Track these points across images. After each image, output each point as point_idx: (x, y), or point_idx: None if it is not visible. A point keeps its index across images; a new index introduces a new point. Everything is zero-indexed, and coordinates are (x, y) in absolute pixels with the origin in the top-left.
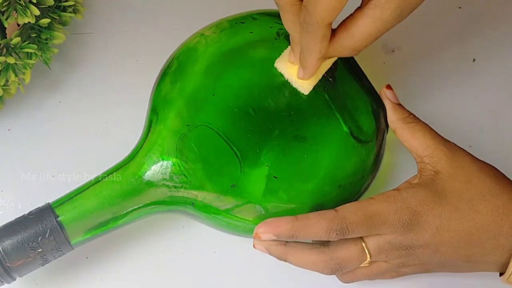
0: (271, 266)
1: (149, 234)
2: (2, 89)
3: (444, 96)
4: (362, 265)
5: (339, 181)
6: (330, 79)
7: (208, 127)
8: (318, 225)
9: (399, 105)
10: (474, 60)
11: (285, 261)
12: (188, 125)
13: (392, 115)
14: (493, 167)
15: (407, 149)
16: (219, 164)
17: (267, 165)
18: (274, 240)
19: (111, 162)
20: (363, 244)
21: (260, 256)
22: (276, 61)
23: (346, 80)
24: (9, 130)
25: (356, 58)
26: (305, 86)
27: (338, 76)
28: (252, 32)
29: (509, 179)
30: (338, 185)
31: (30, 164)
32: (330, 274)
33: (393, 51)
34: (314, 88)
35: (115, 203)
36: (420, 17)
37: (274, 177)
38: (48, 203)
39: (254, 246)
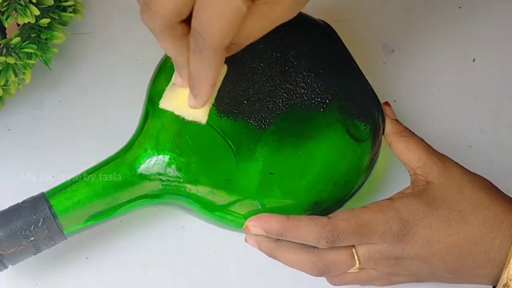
0: (271, 266)
1: (149, 234)
2: (2, 89)
3: (444, 96)
4: (351, 270)
5: (334, 179)
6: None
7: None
8: (308, 228)
9: (396, 120)
10: (474, 60)
11: (274, 258)
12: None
13: (389, 129)
14: (485, 179)
15: (401, 162)
16: (214, 158)
17: (261, 160)
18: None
19: None
20: (353, 250)
21: (260, 256)
22: (160, 101)
23: (344, 78)
24: (9, 130)
25: (355, 57)
26: (200, 115)
27: (336, 74)
28: None
29: (501, 191)
30: (333, 182)
31: (30, 164)
32: (318, 276)
33: (393, 51)
34: (311, 88)
35: (108, 195)
36: (420, 17)
37: (270, 173)
38: (42, 192)
39: (245, 240)
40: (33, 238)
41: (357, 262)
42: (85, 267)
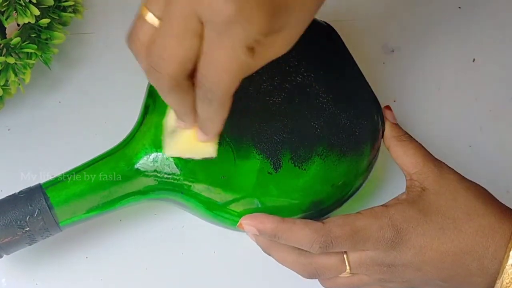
0: (271, 266)
1: (149, 234)
2: (2, 89)
3: (444, 96)
4: (342, 275)
5: (331, 180)
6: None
7: None
8: (302, 232)
9: (395, 124)
10: (474, 60)
11: (269, 254)
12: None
13: (388, 133)
14: (481, 187)
15: (398, 166)
16: None
17: (258, 159)
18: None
19: None
20: (344, 256)
21: (260, 256)
22: (164, 151)
23: (344, 79)
24: (9, 130)
25: (355, 57)
26: (210, 150)
27: (336, 75)
28: None
29: (496, 199)
30: (331, 184)
31: (30, 164)
32: (308, 278)
33: (393, 51)
34: (311, 87)
35: (105, 188)
36: (420, 17)
37: (268, 172)
38: (39, 183)
39: (244, 228)
40: (28, 229)
41: (348, 267)
42: (85, 267)
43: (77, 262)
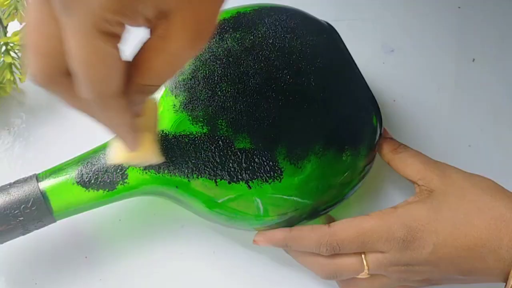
0: (271, 266)
1: (149, 234)
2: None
3: (444, 96)
4: (361, 276)
5: (328, 179)
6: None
7: None
8: (308, 238)
9: (390, 138)
10: (474, 60)
11: (290, 255)
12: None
13: (385, 148)
14: (487, 179)
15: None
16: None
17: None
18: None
19: None
20: (362, 256)
21: (260, 256)
22: (107, 159)
23: (344, 81)
24: (9, 130)
25: (355, 57)
26: (148, 158)
27: (336, 76)
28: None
29: (504, 189)
30: (328, 183)
31: (30, 164)
32: (326, 279)
33: (393, 51)
34: (310, 87)
35: None
36: (420, 17)
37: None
38: (35, 174)
39: (260, 244)
40: (22, 218)
41: (366, 267)
42: (84, 267)
43: (77, 262)
